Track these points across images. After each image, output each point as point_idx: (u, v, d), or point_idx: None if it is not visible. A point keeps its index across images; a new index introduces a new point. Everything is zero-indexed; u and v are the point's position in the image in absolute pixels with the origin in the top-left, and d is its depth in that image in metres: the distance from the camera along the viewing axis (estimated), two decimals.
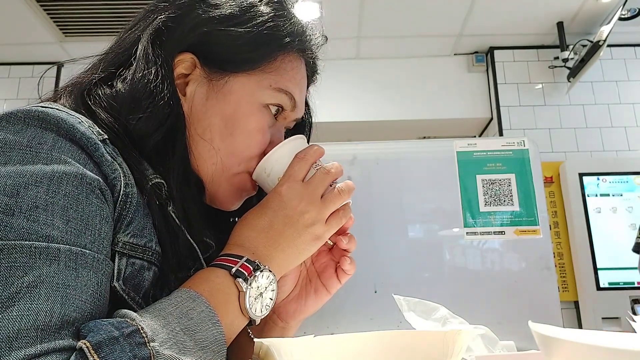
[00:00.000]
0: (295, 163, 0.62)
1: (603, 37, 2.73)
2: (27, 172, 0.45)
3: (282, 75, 0.64)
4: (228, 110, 0.62)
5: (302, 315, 0.68)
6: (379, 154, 1.04)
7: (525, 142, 1.00)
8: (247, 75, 0.63)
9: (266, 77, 0.63)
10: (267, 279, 0.55)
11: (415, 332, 0.53)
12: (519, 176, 0.98)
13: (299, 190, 0.60)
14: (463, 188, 0.98)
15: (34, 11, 2.76)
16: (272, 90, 0.63)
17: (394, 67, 3.34)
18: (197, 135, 0.62)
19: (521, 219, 0.97)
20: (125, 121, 0.56)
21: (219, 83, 0.62)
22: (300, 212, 0.59)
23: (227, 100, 0.62)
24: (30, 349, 0.39)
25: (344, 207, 0.63)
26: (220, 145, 0.62)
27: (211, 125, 0.62)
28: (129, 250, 0.51)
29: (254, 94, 0.63)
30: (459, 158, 1.00)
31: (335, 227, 0.62)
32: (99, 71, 0.61)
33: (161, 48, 0.60)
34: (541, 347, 0.42)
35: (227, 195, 0.65)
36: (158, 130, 0.58)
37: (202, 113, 0.62)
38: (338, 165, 0.63)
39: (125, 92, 0.58)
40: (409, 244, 1.02)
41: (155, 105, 0.57)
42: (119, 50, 0.63)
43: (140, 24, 0.64)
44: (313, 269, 0.68)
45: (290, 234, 0.58)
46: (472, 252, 1.00)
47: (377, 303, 0.92)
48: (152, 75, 0.58)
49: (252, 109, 0.63)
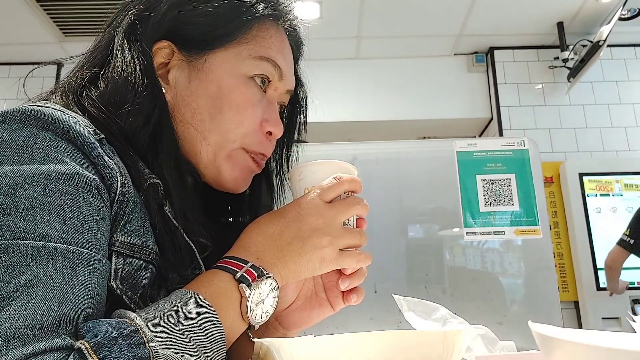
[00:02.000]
0: (329, 183, 0.61)
1: (603, 37, 2.73)
2: (24, 171, 0.45)
3: (260, 43, 0.64)
4: (212, 89, 0.61)
5: (304, 325, 0.67)
6: (379, 154, 1.04)
7: (525, 142, 1.00)
8: (225, 50, 0.62)
9: (244, 48, 0.63)
10: (270, 286, 0.55)
11: (415, 332, 0.52)
12: (519, 176, 0.98)
13: (320, 208, 0.59)
14: (463, 188, 0.98)
15: (34, 11, 2.76)
16: (253, 59, 0.63)
17: (394, 67, 3.34)
18: (186, 122, 0.61)
19: (521, 219, 0.97)
20: (115, 119, 0.56)
21: (198, 63, 0.62)
22: (314, 230, 0.57)
23: (210, 78, 0.62)
24: (27, 347, 0.39)
25: (367, 255, 0.62)
26: (211, 125, 0.61)
27: (198, 107, 0.61)
28: (125, 249, 0.51)
29: (235, 67, 0.62)
30: (459, 158, 1.00)
31: (347, 262, 0.60)
32: (85, 72, 0.61)
33: (137, 41, 0.60)
34: (541, 347, 0.42)
35: (231, 175, 0.64)
36: (146, 124, 0.58)
37: (187, 97, 0.62)
38: (366, 204, 0.62)
39: (109, 90, 0.58)
40: (409, 244, 1.01)
41: (139, 98, 0.57)
42: (98, 49, 0.63)
43: (116, 20, 0.64)
44: (321, 283, 0.67)
45: (297, 249, 0.57)
46: (472, 252, 1.00)
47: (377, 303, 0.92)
48: (130, 69, 0.58)
49: (236, 82, 0.62)
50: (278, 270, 0.57)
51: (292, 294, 0.66)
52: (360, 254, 0.61)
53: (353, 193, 0.63)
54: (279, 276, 0.57)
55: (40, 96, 0.63)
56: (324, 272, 0.61)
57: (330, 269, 0.60)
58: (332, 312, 0.67)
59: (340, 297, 0.65)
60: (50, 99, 0.61)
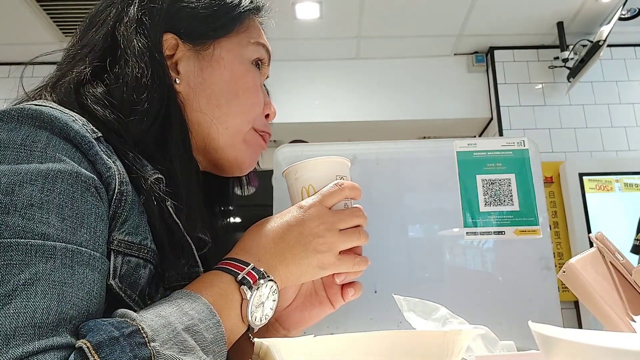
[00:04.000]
0: (331, 188, 0.62)
1: (603, 37, 2.73)
2: (22, 170, 0.45)
3: (253, 31, 0.69)
4: (226, 75, 0.65)
5: (304, 325, 0.68)
6: (379, 154, 1.04)
7: (525, 142, 0.99)
8: (229, 38, 0.66)
9: (243, 36, 0.68)
10: (270, 289, 0.55)
11: (415, 332, 0.53)
12: (519, 176, 0.98)
13: (322, 214, 0.60)
14: (463, 188, 0.98)
15: (34, 11, 2.76)
16: (253, 45, 0.68)
17: (394, 67, 3.34)
18: (200, 109, 0.63)
19: (521, 219, 0.97)
20: (126, 116, 0.56)
21: (207, 53, 0.65)
22: (315, 235, 0.59)
23: (222, 65, 0.65)
24: (27, 346, 0.39)
25: (364, 259, 0.63)
26: (229, 108, 0.64)
27: (214, 92, 0.64)
28: (124, 248, 0.51)
29: (241, 53, 0.67)
30: (459, 158, 1.00)
31: (345, 267, 0.62)
32: (82, 65, 0.60)
33: (146, 36, 0.60)
34: (541, 347, 0.42)
35: (247, 155, 0.68)
36: (157, 119, 0.58)
37: (200, 84, 0.64)
38: (366, 218, 0.64)
39: (122, 87, 0.58)
40: (409, 244, 1.01)
41: (152, 97, 0.58)
42: (95, 41, 0.62)
43: (109, 10, 0.64)
44: (320, 281, 0.67)
45: (299, 252, 0.58)
46: (472, 252, 1.00)
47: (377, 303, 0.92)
48: (142, 68, 0.58)
49: (245, 67, 0.67)
50: (278, 273, 0.57)
51: (291, 293, 0.66)
52: (357, 258, 0.63)
53: (353, 199, 0.64)
54: (279, 279, 0.57)
55: (33, 92, 0.63)
56: (323, 276, 0.62)
57: (329, 273, 0.62)
58: (332, 309, 0.67)
59: (339, 293, 0.66)
60: (42, 95, 0.60)
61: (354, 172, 0.70)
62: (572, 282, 0.65)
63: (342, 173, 0.65)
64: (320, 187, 0.63)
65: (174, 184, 0.58)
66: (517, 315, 0.94)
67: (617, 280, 0.64)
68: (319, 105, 3.16)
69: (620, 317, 0.61)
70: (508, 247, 0.98)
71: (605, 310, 0.63)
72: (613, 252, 0.64)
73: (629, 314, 0.61)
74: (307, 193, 0.63)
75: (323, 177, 0.64)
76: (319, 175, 0.63)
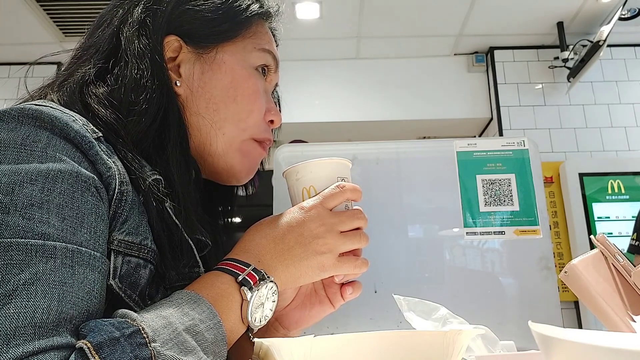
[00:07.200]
0: (332, 190, 0.62)
1: (603, 37, 2.73)
2: (22, 170, 0.45)
3: (260, 37, 0.68)
4: (226, 80, 0.64)
5: (304, 324, 0.67)
6: (379, 154, 1.04)
7: (525, 142, 0.99)
8: (233, 43, 0.66)
9: (249, 42, 0.67)
10: (270, 289, 0.55)
11: (415, 332, 0.52)
12: (519, 176, 0.98)
13: (323, 216, 0.60)
14: (463, 188, 0.98)
15: (34, 11, 2.76)
16: (258, 51, 0.67)
17: (393, 67, 3.34)
18: (199, 112, 0.63)
19: (521, 219, 0.96)
20: (125, 117, 0.56)
21: (209, 56, 0.64)
22: (316, 236, 0.59)
23: (223, 70, 0.64)
24: (28, 346, 0.39)
25: (364, 261, 0.63)
26: (226, 113, 0.64)
27: (213, 97, 0.63)
28: (124, 248, 0.51)
29: (244, 58, 0.66)
30: (459, 158, 1.00)
31: (345, 269, 0.61)
32: (87, 66, 0.60)
33: (148, 37, 0.61)
34: (541, 347, 0.42)
35: (242, 165, 0.67)
36: (155, 121, 0.58)
37: (200, 88, 0.63)
38: (367, 220, 0.63)
39: (120, 88, 0.58)
40: (409, 244, 1.01)
41: (152, 98, 0.58)
42: (100, 42, 0.63)
43: (116, 10, 0.64)
44: (320, 280, 0.67)
45: (299, 254, 0.58)
46: (472, 252, 1.00)
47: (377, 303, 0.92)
48: (143, 69, 0.58)
49: (247, 73, 0.66)
50: (278, 275, 0.57)
51: (291, 292, 0.66)
52: (357, 260, 0.63)
53: (354, 201, 0.64)
54: (279, 280, 0.57)
55: (38, 90, 0.63)
56: (322, 278, 0.61)
57: (329, 275, 0.61)
58: (332, 309, 0.67)
59: (339, 293, 0.66)
60: (47, 94, 0.60)
61: (354, 172, 0.70)
62: (573, 282, 0.65)
63: (343, 174, 0.65)
64: (321, 188, 0.63)
65: (171, 186, 0.58)
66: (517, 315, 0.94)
67: (618, 282, 0.64)
68: (319, 105, 3.16)
69: (620, 318, 0.61)
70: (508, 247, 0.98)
71: (606, 311, 0.63)
72: (613, 254, 0.64)
73: (629, 314, 0.61)
74: (308, 194, 0.63)
75: (324, 178, 0.63)
76: (321, 177, 0.63)
